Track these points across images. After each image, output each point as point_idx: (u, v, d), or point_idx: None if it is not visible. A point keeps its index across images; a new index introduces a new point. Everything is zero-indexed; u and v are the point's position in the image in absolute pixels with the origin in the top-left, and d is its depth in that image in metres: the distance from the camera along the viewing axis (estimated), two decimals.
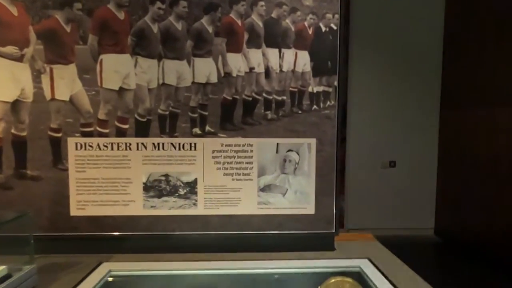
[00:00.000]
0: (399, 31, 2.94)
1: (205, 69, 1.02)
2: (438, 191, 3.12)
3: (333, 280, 0.78)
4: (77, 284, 0.85)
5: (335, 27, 1.03)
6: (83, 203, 1.04)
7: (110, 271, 0.94)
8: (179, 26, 1.01)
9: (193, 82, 1.02)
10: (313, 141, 1.05)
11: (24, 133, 1.01)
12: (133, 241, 1.05)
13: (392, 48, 2.94)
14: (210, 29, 1.01)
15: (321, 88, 1.05)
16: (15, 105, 1.00)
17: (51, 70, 1.00)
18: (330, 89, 1.05)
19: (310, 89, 1.05)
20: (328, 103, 1.05)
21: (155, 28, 1.00)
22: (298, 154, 1.05)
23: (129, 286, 0.95)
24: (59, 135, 1.02)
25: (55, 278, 0.88)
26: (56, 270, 0.92)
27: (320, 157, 1.06)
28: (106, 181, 1.03)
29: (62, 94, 1.01)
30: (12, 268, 0.79)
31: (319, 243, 1.08)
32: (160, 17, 1.00)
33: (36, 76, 1.00)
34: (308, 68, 1.04)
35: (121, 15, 1.00)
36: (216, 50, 1.02)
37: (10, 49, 0.99)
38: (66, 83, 1.01)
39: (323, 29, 1.03)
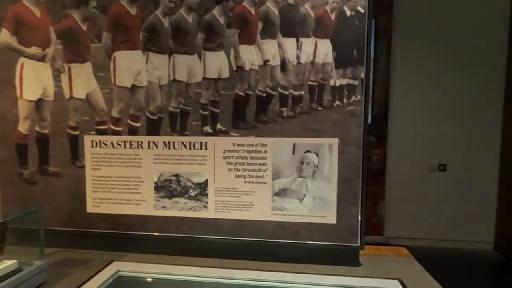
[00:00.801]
0: (451, 16, 2.57)
1: (217, 63, 0.96)
2: (499, 199, 2.69)
3: None
4: (84, 283, 0.85)
5: (362, 10, 0.89)
6: (98, 201, 1.04)
7: (118, 271, 0.93)
8: (190, 18, 0.96)
9: (204, 78, 0.97)
10: (335, 141, 0.93)
11: (46, 131, 1.05)
12: (145, 241, 1.03)
13: (442, 35, 2.58)
14: (221, 20, 0.94)
15: (345, 81, 0.92)
16: (39, 103, 1.04)
17: (69, 69, 1.02)
18: (356, 82, 0.91)
19: (332, 83, 0.92)
20: (353, 98, 0.92)
21: (166, 22, 0.96)
22: (318, 156, 0.94)
23: (136, 287, 0.93)
24: (77, 132, 1.03)
25: (66, 274, 0.89)
26: (68, 266, 0.94)
27: (343, 160, 0.93)
28: (119, 180, 1.03)
29: (79, 92, 1.02)
30: (23, 262, 0.81)
31: (341, 257, 0.95)
32: (171, 11, 0.96)
33: (56, 75, 1.03)
34: (330, 58, 0.92)
35: (133, 11, 0.97)
36: (228, 42, 0.95)
37: (34, 49, 1.02)
38: (82, 81, 1.02)
39: (348, 13, 0.90)
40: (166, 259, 0.98)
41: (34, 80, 1.03)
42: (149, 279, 0.92)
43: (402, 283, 0.84)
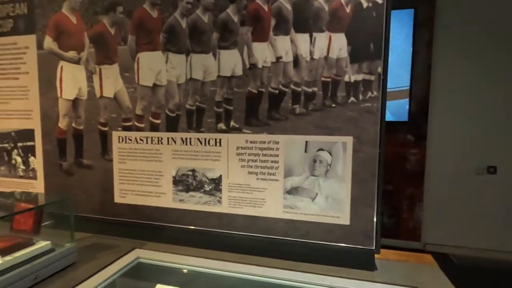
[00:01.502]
0: (499, 5, 2.28)
1: (230, 61, 0.97)
2: None
3: None
4: (106, 266, 0.92)
5: (380, 1, 0.84)
6: (124, 192, 1.13)
7: (138, 258, 0.99)
8: (205, 18, 0.98)
9: (218, 76, 0.99)
10: (349, 139, 0.89)
11: (81, 127, 1.16)
12: (163, 232, 1.09)
13: (490, 25, 2.30)
14: (235, 18, 0.96)
15: (360, 77, 0.88)
16: (75, 102, 1.15)
17: (100, 70, 1.11)
18: (372, 77, 0.87)
19: (346, 78, 0.89)
20: (370, 94, 0.87)
21: (183, 23, 1.01)
22: (331, 154, 0.91)
23: (152, 274, 0.99)
24: (106, 129, 1.12)
25: (93, 257, 0.98)
26: (96, 250, 1.03)
27: (358, 159, 0.89)
28: (142, 173, 1.10)
29: (108, 91, 1.11)
30: (56, 244, 0.91)
31: (355, 260, 0.92)
32: (188, 12, 1.00)
33: (89, 76, 1.13)
34: (344, 53, 0.88)
35: (154, 14, 1.03)
36: (241, 40, 0.96)
37: (71, 53, 1.13)
38: (111, 81, 1.10)
39: (365, 4, 0.85)
40: (181, 249, 1.03)
41: (71, 81, 1.14)
42: (166, 268, 0.98)
43: None
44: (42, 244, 0.87)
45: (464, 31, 2.39)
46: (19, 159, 1.25)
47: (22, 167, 1.25)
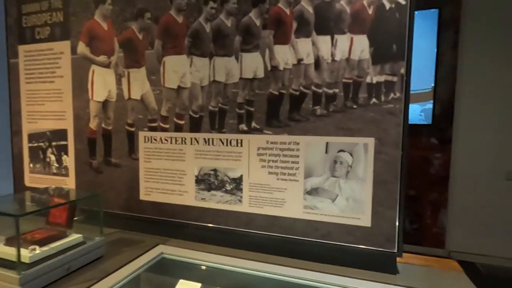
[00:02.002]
0: None
1: (252, 64, 1.00)
2: None
3: None
4: (133, 260, 0.97)
5: (403, 2, 0.84)
6: (149, 190, 1.18)
7: (162, 253, 1.03)
8: (228, 22, 1.02)
9: (240, 78, 1.02)
10: (370, 140, 0.89)
11: (110, 127, 1.22)
12: (185, 229, 1.12)
13: None
14: (258, 22, 0.98)
15: (382, 78, 0.87)
16: (105, 104, 1.22)
17: (128, 73, 1.17)
18: (395, 79, 0.86)
19: (368, 80, 0.89)
20: (392, 95, 0.87)
21: (207, 27, 1.04)
22: (352, 156, 0.91)
23: (176, 269, 1.02)
24: (133, 129, 1.18)
25: (120, 251, 1.03)
26: (122, 245, 1.08)
27: (380, 161, 0.89)
28: (166, 172, 1.14)
29: (136, 94, 1.17)
30: (86, 237, 0.96)
31: (376, 263, 0.91)
32: (212, 16, 1.03)
33: (118, 79, 1.19)
34: (366, 55, 0.88)
35: (180, 19, 1.08)
36: (263, 43, 0.98)
37: (102, 58, 1.20)
38: (138, 84, 1.16)
39: (388, 6, 0.85)
40: (202, 247, 1.06)
41: (101, 84, 1.21)
42: (188, 264, 1.01)
43: None
44: (74, 237, 0.92)
45: (491, 32, 2.30)
46: (53, 157, 1.34)
47: (56, 164, 1.33)
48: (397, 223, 0.88)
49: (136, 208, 1.20)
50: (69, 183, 1.31)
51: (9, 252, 0.80)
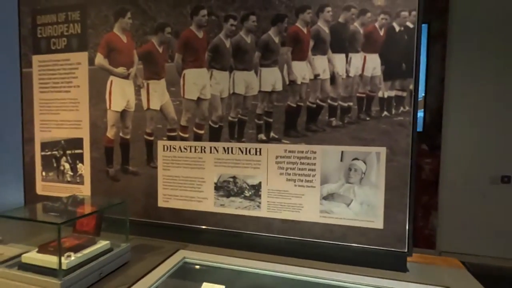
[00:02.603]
0: (510, 19, 2.37)
1: (271, 78, 1.07)
2: None
3: None
4: (158, 265, 1.01)
5: (411, 25, 0.93)
6: (167, 197, 1.22)
7: (184, 258, 1.08)
8: (248, 39, 1.08)
9: (259, 91, 1.08)
10: (382, 150, 0.97)
11: (128, 136, 1.25)
12: (205, 234, 1.17)
13: (501, 39, 2.39)
14: (276, 39, 1.06)
15: (393, 93, 0.96)
16: (123, 114, 1.25)
17: (147, 85, 1.21)
18: (404, 94, 0.95)
19: (380, 94, 0.98)
20: (402, 109, 0.96)
21: (227, 43, 1.11)
22: (365, 163, 0.99)
23: (198, 273, 1.07)
24: (152, 138, 1.22)
25: (143, 257, 1.07)
26: (144, 251, 1.11)
27: (391, 168, 0.97)
28: (185, 179, 1.19)
29: (155, 104, 1.21)
30: (113, 244, 0.99)
31: (388, 262, 0.99)
32: (232, 33, 1.10)
33: (137, 90, 1.23)
34: (378, 72, 0.97)
35: (200, 34, 1.14)
36: (282, 59, 1.06)
37: (121, 69, 1.24)
38: (158, 95, 1.20)
39: (397, 28, 0.94)
40: (222, 251, 1.11)
41: (120, 94, 1.25)
42: (210, 267, 1.06)
43: None
44: (103, 244, 0.96)
45: (476, 45, 2.48)
46: (67, 166, 1.35)
47: (70, 173, 1.35)
48: (407, 225, 0.97)
49: (154, 214, 1.23)
50: (84, 191, 1.33)
51: (45, 259, 0.83)
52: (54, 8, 1.32)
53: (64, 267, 0.81)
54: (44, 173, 1.39)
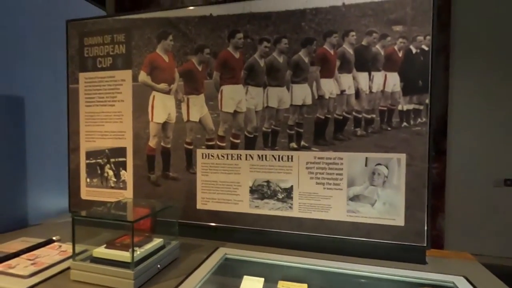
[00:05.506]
0: (511, 31, 2.54)
1: (302, 93, 1.21)
2: None
3: None
4: (203, 261, 1.13)
5: (426, 48, 1.08)
6: (206, 200, 1.35)
7: (225, 254, 1.20)
8: (280, 59, 1.23)
9: (291, 105, 1.22)
10: (402, 156, 1.11)
11: (169, 145, 1.39)
12: (241, 234, 1.30)
13: (503, 45, 2.56)
14: (306, 59, 1.20)
15: (411, 106, 1.10)
16: (164, 125, 1.39)
17: (187, 99, 1.36)
18: (421, 107, 1.09)
19: (400, 107, 1.11)
20: (419, 120, 1.10)
21: (261, 62, 1.25)
22: (387, 168, 1.13)
23: (239, 267, 1.19)
24: (191, 147, 1.36)
25: (188, 254, 1.19)
26: (188, 248, 1.24)
27: (411, 172, 1.10)
28: (222, 184, 1.32)
29: (194, 116, 1.35)
30: (165, 241, 1.12)
31: (409, 256, 1.11)
32: (266, 54, 1.24)
33: (178, 104, 1.37)
34: (397, 88, 1.11)
35: (236, 55, 1.28)
36: (311, 77, 1.20)
37: (163, 85, 1.39)
38: (197, 108, 1.35)
39: (414, 51, 1.09)
40: (258, 248, 1.24)
41: (161, 108, 1.39)
42: (249, 261, 1.18)
43: (467, 279, 0.98)
44: (158, 241, 1.09)
45: (478, 56, 2.64)
46: (111, 172, 1.49)
47: (114, 179, 1.48)
48: (425, 222, 1.10)
49: (193, 216, 1.36)
50: (127, 195, 1.46)
51: (115, 254, 0.96)
52: (101, 31, 1.47)
53: (131, 260, 0.94)
54: (88, 180, 1.53)
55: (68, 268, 0.99)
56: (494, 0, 2.64)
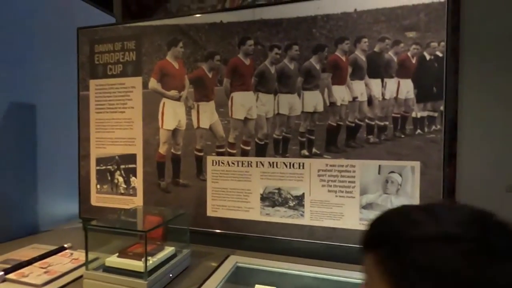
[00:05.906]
0: None
1: (313, 100, 1.20)
2: None
3: None
4: (215, 270, 1.12)
5: (440, 54, 1.06)
6: (216, 207, 1.34)
7: (237, 262, 1.19)
8: (291, 66, 1.22)
9: (302, 112, 1.22)
10: (416, 164, 1.09)
11: (179, 152, 1.39)
12: (252, 241, 1.29)
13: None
14: (317, 66, 1.19)
15: (425, 113, 1.09)
16: (174, 132, 1.39)
17: (197, 106, 1.35)
18: (436, 114, 1.08)
19: (413, 115, 1.10)
20: (434, 127, 1.08)
21: (272, 69, 1.25)
22: (401, 176, 1.11)
23: (250, 275, 1.18)
24: (201, 154, 1.35)
25: (199, 262, 1.18)
26: (198, 256, 1.23)
27: (425, 180, 1.09)
28: (232, 191, 1.31)
29: (204, 123, 1.35)
30: (176, 249, 1.12)
31: None
32: (276, 60, 1.24)
33: (188, 111, 1.37)
34: (411, 95, 1.10)
35: (247, 62, 1.28)
36: (322, 83, 1.19)
37: (173, 92, 1.39)
38: (207, 115, 1.34)
39: (428, 57, 1.07)
40: (268, 256, 1.23)
41: (171, 114, 1.39)
42: (261, 270, 1.17)
43: None
44: (170, 249, 1.08)
45: (489, 58, 2.61)
46: (121, 179, 1.49)
47: (124, 185, 1.49)
48: None
49: (203, 223, 1.36)
50: (137, 202, 1.46)
51: (127, 263, 0.96)
52: (111, 38, 1.48)
53: (144, 269, 0.94)
54: (98, 186, 1.53)
55: (81, 277, 0.99)
56: (504, 3, 2.61)
